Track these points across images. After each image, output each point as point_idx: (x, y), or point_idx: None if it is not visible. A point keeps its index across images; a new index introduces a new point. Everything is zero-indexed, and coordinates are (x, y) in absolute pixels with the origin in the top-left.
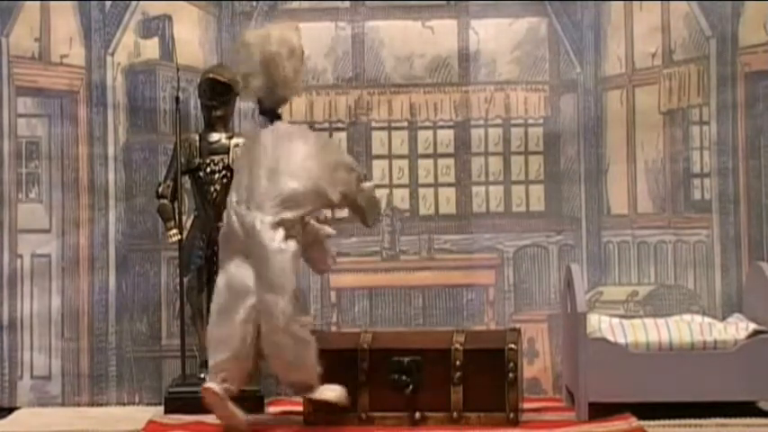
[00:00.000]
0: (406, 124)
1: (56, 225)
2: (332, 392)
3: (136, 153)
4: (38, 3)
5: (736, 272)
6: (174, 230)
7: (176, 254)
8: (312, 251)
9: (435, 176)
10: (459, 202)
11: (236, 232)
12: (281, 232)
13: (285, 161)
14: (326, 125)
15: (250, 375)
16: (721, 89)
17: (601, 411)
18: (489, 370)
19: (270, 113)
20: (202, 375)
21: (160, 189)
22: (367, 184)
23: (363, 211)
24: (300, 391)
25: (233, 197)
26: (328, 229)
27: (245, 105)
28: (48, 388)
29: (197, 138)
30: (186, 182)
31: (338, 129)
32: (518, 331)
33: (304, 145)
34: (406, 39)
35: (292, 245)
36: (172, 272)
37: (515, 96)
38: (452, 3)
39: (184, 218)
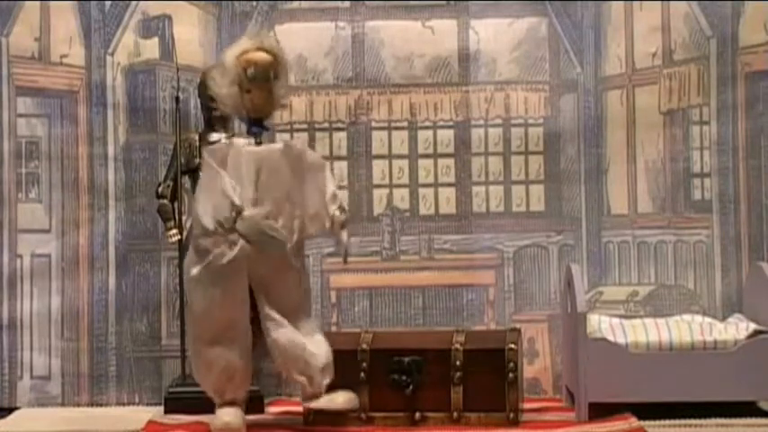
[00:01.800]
0: (406, 124)
1: (56, 225)
2: (225, 418)
3: (136, 153)
4: (38, 3)
5: (736, 272)
6: (174, 230)
7: (176, 254)
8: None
9: (435, 176)
10: (459, 202)
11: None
12: (192, 254)
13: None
14: (326, 125)
15: None
16: (721, 89)
17: (601, 411)
18: (489, 370)
19: (253, 125)
20: None
21: (160, 189)
22: (247, 213)
23: (248, 239)
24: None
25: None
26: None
27: None
28: (48, 388)
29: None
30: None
31: (338, 129)
32: (518, 331)
33: (204, 170)
34: (406, 39)
35: (195, 269)
36: (172, 272)
37: (515, 96)
38: (452, 3)
39: (184, 218)
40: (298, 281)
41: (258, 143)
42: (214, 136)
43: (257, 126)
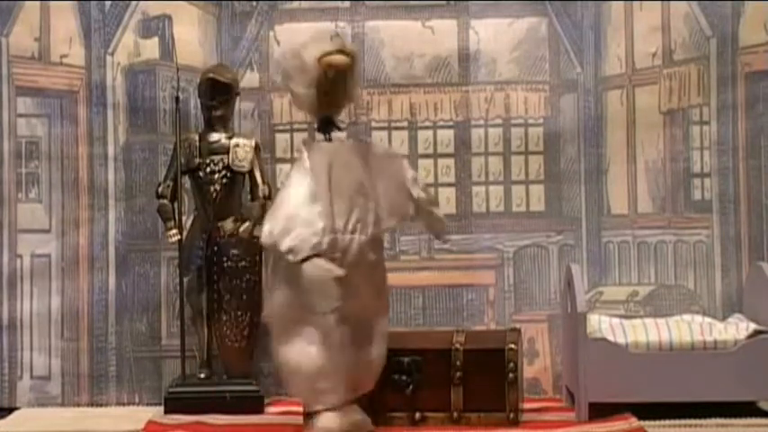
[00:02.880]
0: (406, 124)
1: (56, 225)
2: (327, 423)
3: (136, 153)
4: (38, 3)
5: (736, 272)
6: (174, 230)
7: (176, 254)
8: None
9: (435, 176)
10: (459, 202)
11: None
12: (269, 254)
13: (283, 186)
14: None
15: None
16: (721, 89)
17: (601, 411)
18: (489, 370)
19: (321, 125)
20: (202, 375)
21: (160, 189)
22: (319, 262)
23: (305, 283)
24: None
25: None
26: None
27: (245, 105)
28: (47, 388)
29: (197, 138)
30: (186, 182)
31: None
32: (518, 331)
33: (295, 179)
34: (406, 39)
35: (273, 268)
36: (172, 272)
37: (515, 96)
38: (452, 3)
39: (184, 218)
40: (382, 276)
41: (328, 140)
42: (214, 136)
43: (329, 124)
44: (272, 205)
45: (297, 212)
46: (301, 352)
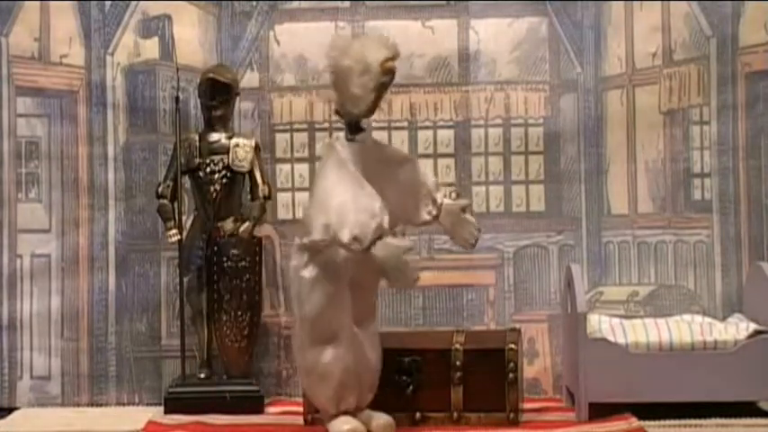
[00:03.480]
0: (406, 124)
1: (55, 225)
2: (345, 426)
3: (136, 153)
4: (37, 3)
5: (736, 272)
6: (174, 230)
7: (176, 254)
8: (456, 229)
9: (435, 176)
10: None
11: None
12: (304, 256)
13: (323, 186)
14: (326, 125)
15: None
16: (722, 89)
17: (601, 411)
18: (489, 370)
19: (347, 126)
20: (202, 375)
21: (160, 189)
22: (391, 240)
23: (381, 266)
24: (322, 416)
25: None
26: (463, 201)
27: (245, 105)
28: (47, 388)
29: (197, 138)
30: (186, 182)
31: (338, 129)
32: (518, 331)
33: (340, 175)
34: (406, 39)
35: (311, 271)
36: (172, 272)
37: (515, 96)
38: (452, 3)
39: (184, 218)
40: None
41: (352, 140)
42: (214, 136)
43: (358, 125)
44: (312, 201)
45: (345, 200)
46: (335, 357)
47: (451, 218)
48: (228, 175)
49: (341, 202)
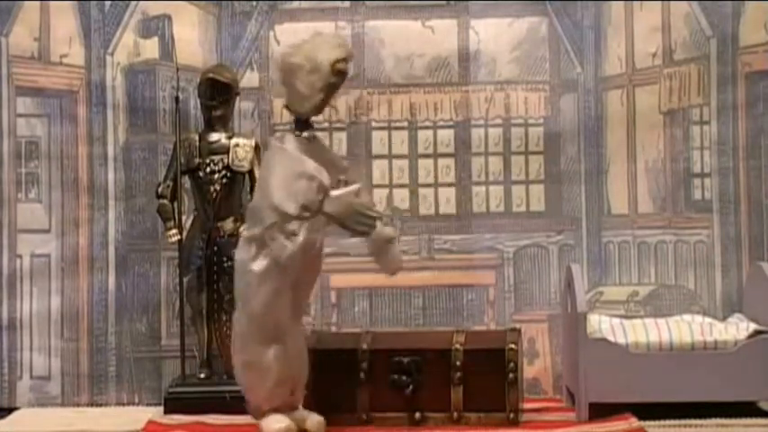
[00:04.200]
0: (406, 124)
1: (55, 225)
2: (277, 425)
3: (135, 153)
4: (37, 2)
5: (736, 272)
6: (174, 230)
7: (176, 254)
8: (378, 258)
9: (435, 176)
10: (459, 202)
11: None
12: (252, 248)
13: (262, 178)
14: (326, 125)
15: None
16: (722, 89)
17: (601, 411)
18: (489, 370)
19: (295, 123)
20: (202, 375)
21: (160, 189)
22: (335, 193)
23: (339, 221)
24: (252, 413)
25: None
26: (389, 231)
27: (244, 105)
28: (47, 388)
29: (197, 138)
30: (186, 182)
31: (338, 129)
32: (518, 331)
33: (276, 158)
34: (406, 38)
35: (260, 264)
36: (172, 272)
37: (515, 96)
38: (452, 3)
39: (184, 218)
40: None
41: (299, 137)
42: (214, 136)
43: (307, 123)
44: (256, 191)
45: (283, 176)
46: (277, 354)
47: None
48: (228, 175)
49: (279, 179)
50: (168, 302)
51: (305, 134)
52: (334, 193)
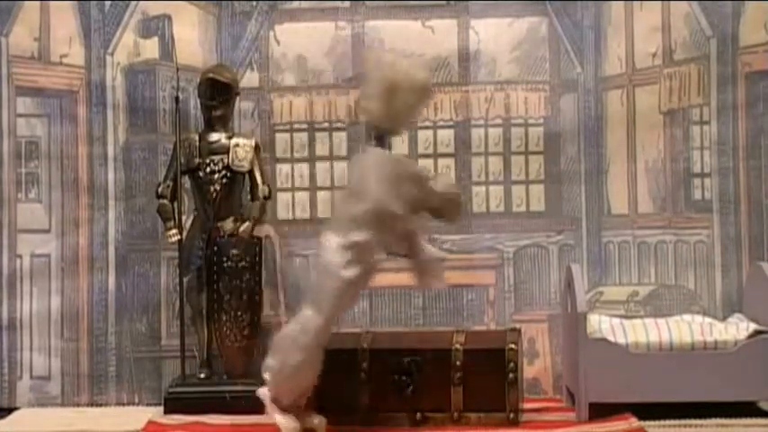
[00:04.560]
0: None
1: (55, 225)
2: (293, 424)
3: (135, 153)
4: (37, 2)
5: (736, 272)
6: (174, 230)
7: (176, 254)
8: (418, 272)
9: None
10: None
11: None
12: (347, 255)
13: (359, 182)
14: (326, 125)
15: None
16: (722, 89)
17: (601, 411)
18: (489, 370)
19: (377, 139)
20: (202, 375)
21: (160, 189)
22: (437, 186)
23: (440, 212)
24: (270, 401)
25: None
26: (435, 251)
27: (244, 105)
28: (47, 388)
29: (197, 138)
30: (186, 182)
31: (338, 129)
32: (518, 331)
33: (372, 164)
34: (406, 38)
35: (353, 271)
36: (171, 272)
37: (515, 96)
38: (452, 3)
39: (184, 218)
40: None
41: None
42: (214, 136)
43: (384, 140)
44: (348, 199)
45: (392, 178)
46: (319, 358)
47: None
48: (228, 175)
49: (381, 183)
50: (168, 302)
51: (386, 150)
52: (435, 186)
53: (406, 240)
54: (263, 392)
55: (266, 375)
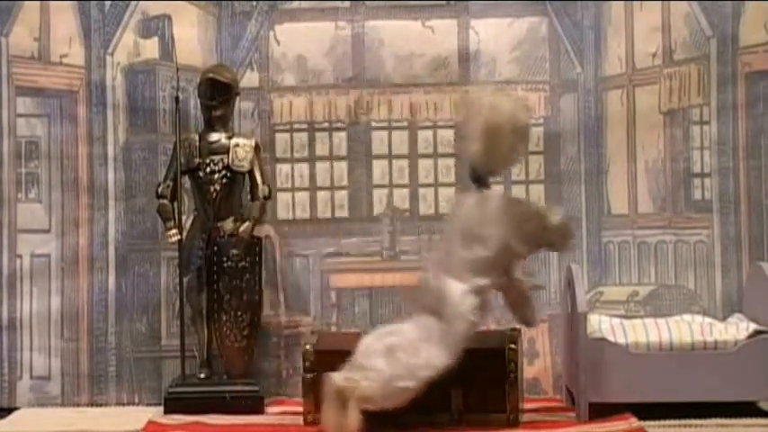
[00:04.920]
0: (406, 124)
1: (55, 225)
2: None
3: (135, 153)
4: (37, 2)
5: (736, 272)
6: (174, 230)
7: (176, 254)
8: (516, 305)
9: (435, 176)
10: None
11: (429, 291)
12: (472, 300)
13: (478, 226)
14: (326, 125)
15: None
16: (722, 89)
17: (601, 411)
18: (489, 370)
19: (479, 180)
20: (202, 375)
21: (160, 189)
22: (552, 223)
23: (555, 245)
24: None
25: (434, 256)
26: (532, 282)
27: (244, 105)
28: (47, 388)
29: (197, 138)
30: (186, 182)
31: (338, 129)
32: (518, 331)
33: (492, 208)
34: (406, 38)
35: (477, 315)
36: (172, 272)
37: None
38: (452, 3)
39: (184, 218)
40: None
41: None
42: (214, 136)
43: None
44: (469, 242)
45: (513, 221)
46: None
47: (515, 293)
48: (228, 175)
49: (504, 225)
50: (168, 302)
51: (483, 190)
52: (552, 222)
53: (507, 274)
54: (338, 378)
55: (366, 374)
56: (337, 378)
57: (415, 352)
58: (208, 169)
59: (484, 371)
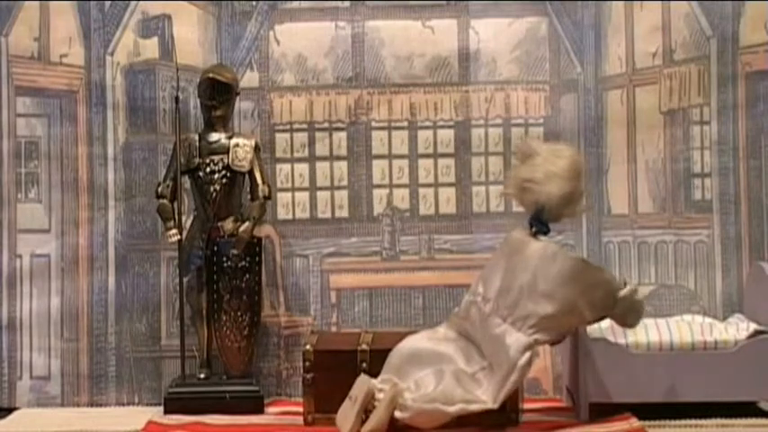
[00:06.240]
0: (406, 124)
1: (55, 225)
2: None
3: (135, 153)
4: (37, 2)
5: (736, 272)
6: (174, 230)
7: (176, 254)
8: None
9: (435, 176)
10: (459, 202)
11: (473, 325)
12: (528, 354)
13: (545, 282)
14: (326, 125)
15: None
16: (722, 89)
17: (601, 411)
18: None
19: (541, 224)
20: (202, 375)
21: (160, 189)
22: (623, 293)
23: (623, 319)
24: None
25: (479, 289)
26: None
27: (244, 105)
28: (47, 388)
29: (197, 138)
30: (186, 182)
31: (338, 129)
32: None
33: (564, 268)
34: (406, 38)
35: (528, 369)
36: (171, 272)
37: (515, 96)
38: (452, 3)
39: (184, 218)
40: None
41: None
42: (214, 136)
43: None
44: (543, 299)
45: (587, 288)
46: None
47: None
48: (228, 174)
49: (578, 291)
50: (168, 302)
51: (540, 237)
52: (623, 293)
53: (565, 336)
54: (378, 382)
55: (415, 395)
56: (377, 382)
57: (465, 383)
58: (208, 169)
59: None
